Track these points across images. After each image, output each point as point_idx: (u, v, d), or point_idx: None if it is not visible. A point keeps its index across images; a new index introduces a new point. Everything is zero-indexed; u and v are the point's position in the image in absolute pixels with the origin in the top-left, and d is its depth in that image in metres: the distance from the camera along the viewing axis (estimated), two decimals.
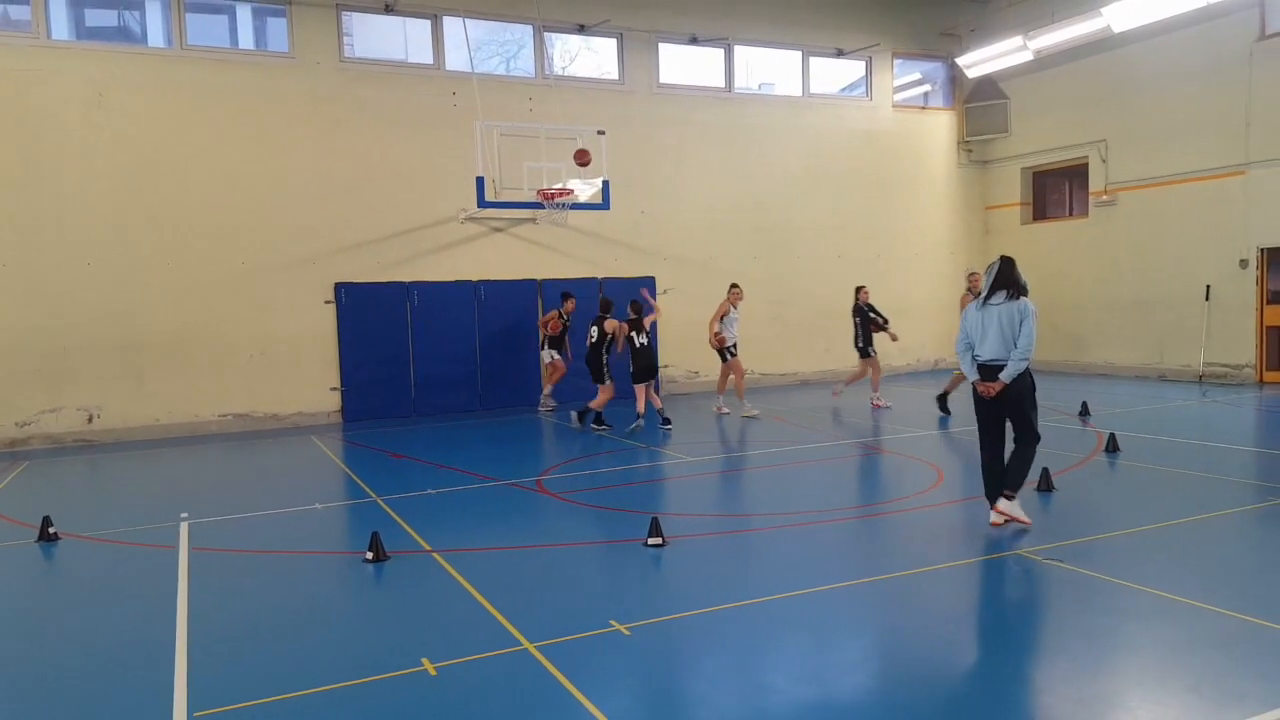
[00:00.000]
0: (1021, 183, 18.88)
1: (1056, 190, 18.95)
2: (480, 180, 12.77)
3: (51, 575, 6.74)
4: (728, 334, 13.04)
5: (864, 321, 13.56)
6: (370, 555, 6.30)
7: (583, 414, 12.37)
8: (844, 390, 14.43)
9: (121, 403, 13.01)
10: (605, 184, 13.43)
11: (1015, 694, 4.10)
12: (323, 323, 14.16)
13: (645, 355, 12.12)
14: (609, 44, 16.27)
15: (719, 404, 13.68)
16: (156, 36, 13.73)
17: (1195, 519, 6.75)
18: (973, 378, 6.65)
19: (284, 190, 13.83)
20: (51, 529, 7.31)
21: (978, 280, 10.76)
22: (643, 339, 12.12)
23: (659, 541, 6.41)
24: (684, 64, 16.83)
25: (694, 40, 16.69)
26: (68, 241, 12.68)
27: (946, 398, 12.62)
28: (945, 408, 12.53)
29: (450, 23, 14.84)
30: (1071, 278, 17.48)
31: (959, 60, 18.38)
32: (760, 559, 6.42)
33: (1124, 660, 4.37)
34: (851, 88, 18.67)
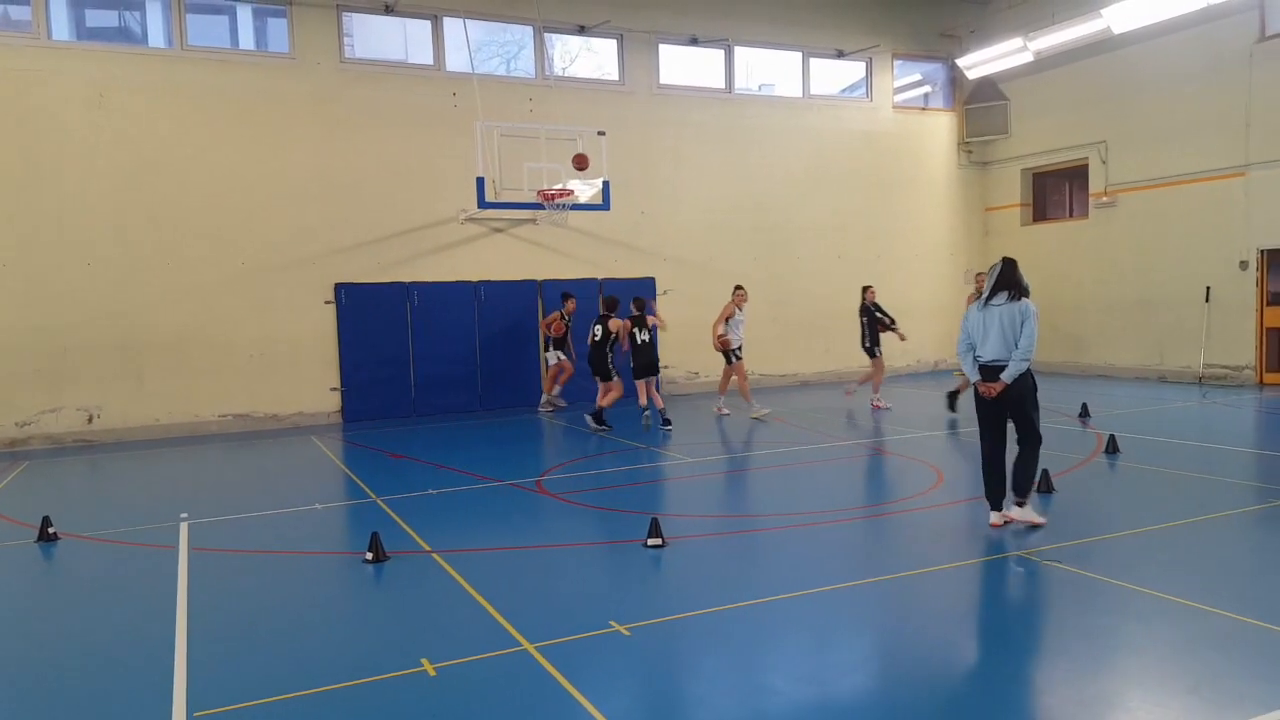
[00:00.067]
0: (1021, 184, 18.88)
1: (1056, 191, 18.95)
2: (480, 181, 12.77)
3: (51, 575, 6.74)
4: (733, 336, 12.99)
5: (871, 321, 13.54)
6: (370, 555, 6.30)
7: (596, 416, 12.27)
8: (856, 390, 14.35)
9: (121, 403, 13.01)
10: (605, 185, 13.43)
11: (1015, 694, 4.10)
12: (323, 323, 14.16)
13: (647, 352, 12.14)
14: (609, 45, 16.27)
15: (719, 404, 13.67)
16: (157, 37, 13.73)
17: (1195, 520, 6.75)
18: (974, 378, 6.67)
19: (284, 190, 13.84)
20: (51, 529, 7.31)
21: (985, 280, 10.75)
22: (644, 335, 12.14)
23: (659, 542, 6.41)
24: (684, 65, 16.83)
25: (694, 41, 16.69)
26: (68, 241, 12.69)
27: (956, 396, 12.58)
28: (954, 406, 12.52)
29: (450, 23, 14.84)
30: (1071, 279, 17.48)
31: (959, 61, 18.40)
32: (760, 560, 6.42)
33: (1124, 661, 4.37)
34: (852, 89, 18.68)
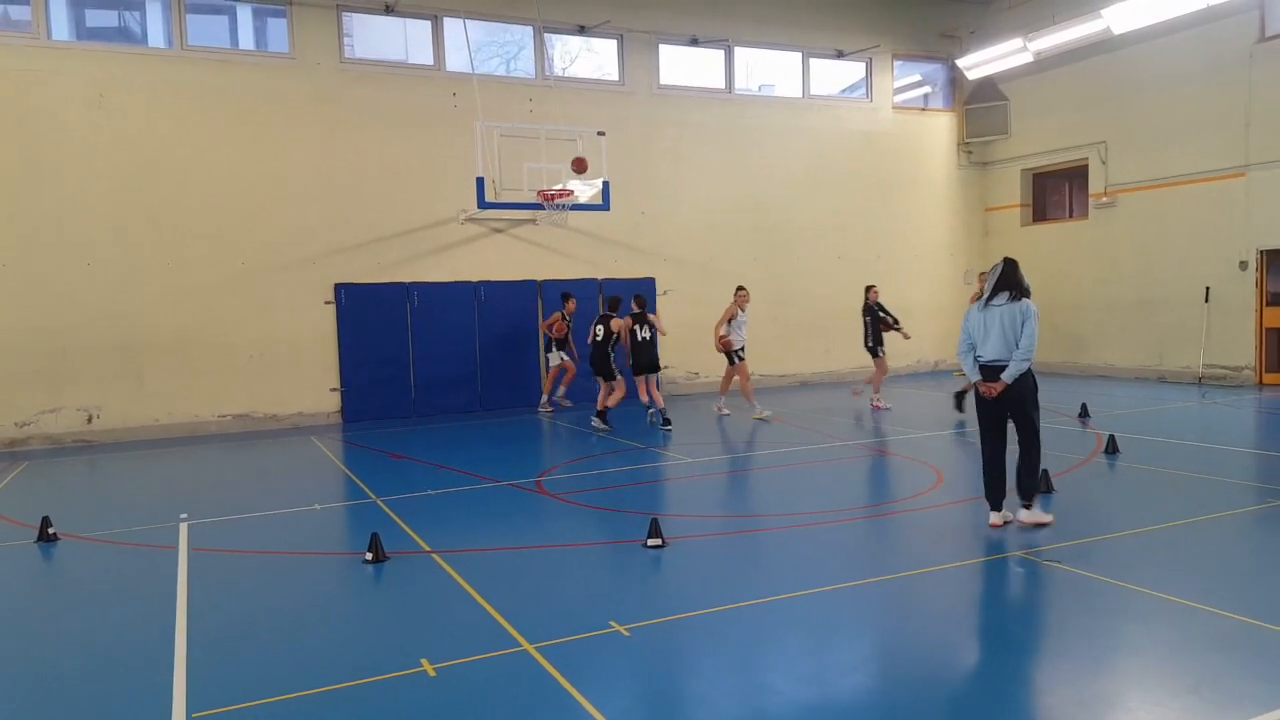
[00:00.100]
0: (1021, 184, 18.88)
1: (1056, 192, 18.96)
2: (480, 181, 12.77)
3: (51, 576, 6.74)
4: (735, 337, 12.95)
5: (874, 321, 13.52)
6: (370, 556, 6.30)
7: (602, 415, 12.19)
8: (864, 390, 14.27)
9: (121, 403, 13.01)
10: (605, 185, 13.42)
11: (1015, 694, 4.10)
12: (322, 323, 14.16)
13: (647, 349, 12.15)
14: (609, 45, 16.27)
15: (719, 404, 13.65)
16: (157, 37, 13.73)
17: (1195, 520, 6.75)
18: (974, 378, 6.68)
19: (284, 191, 13.83)
20: (51, 529, 7.31)
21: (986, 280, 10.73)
22: (645, 332, 12.14)
23: (659, 542, 6.41)
24: (684, 65, 16.83)
25: (694, 41, 16.69)
26: (68, 242, 12.69)
27: (963, 397, 12.49)
28: (960, 407, 12.47)
29: (450, 23, 14.84)
30: (1071, 279, 17.48)
31: (959, 62, 18.40)
32: (760, 560, 6.42)
33: (1124, 661, 4.37)
34: (851, 89, 18.68)
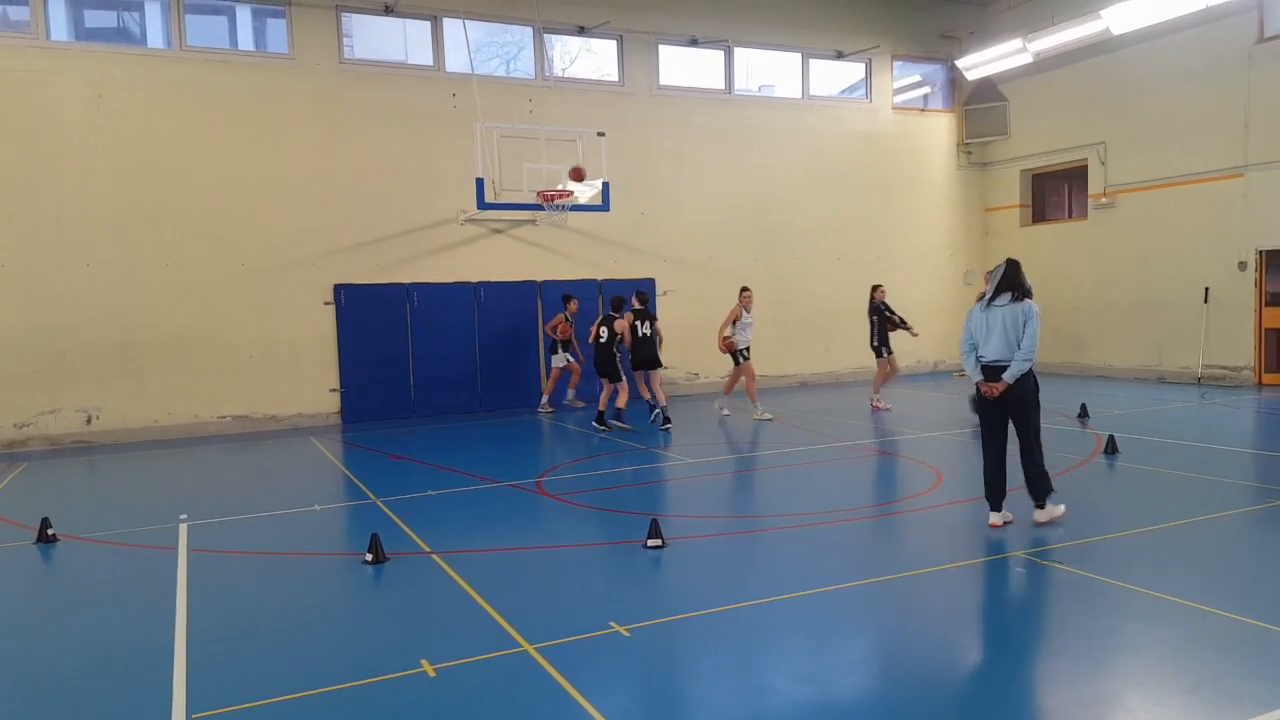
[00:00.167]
0: (1021, 185, 18.89)
1: (1056, 192, 18.96)
2: (480, 181, 12.75)
3: (50, 577, 6.73)
4: (739, 338, 12.90)
5: (881, 321, 13.50)
6: (369, 557, 6.30)
7: (619, 415, 12.14)
8: (880, 392, 14.03)
9: (121, 404, 13.00)
10: (605, 185, 13.41)
11: (1015, 694, 4.10)
12: (322, 324, 14.15)
13: (648, 345, 12.16)
14: (609, 46, 16.27)
15: (721, 404, 13.63)
16: (156, 37, 13.73)
17: (1195, 520, 6.75)
18: (976, 378, 6.69)
19: (283, 191, 13.83)
20: (50, 530, 7.31)
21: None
22: (646, 328, 12.15)
23: (659, 543, 6.41)
24: (684, 66, 16.83)
25: (694, 42, 16.70)
26: (67, 242, 12.68)
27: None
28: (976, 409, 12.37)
29: (450, 24, 14.84)
30: (1070, 280, 17.48)
31: (958, 62, 18.41)
32: (760, 560, 6.42)
33: (1124, 661, 4.37)
34: (851, 90, 18.68)
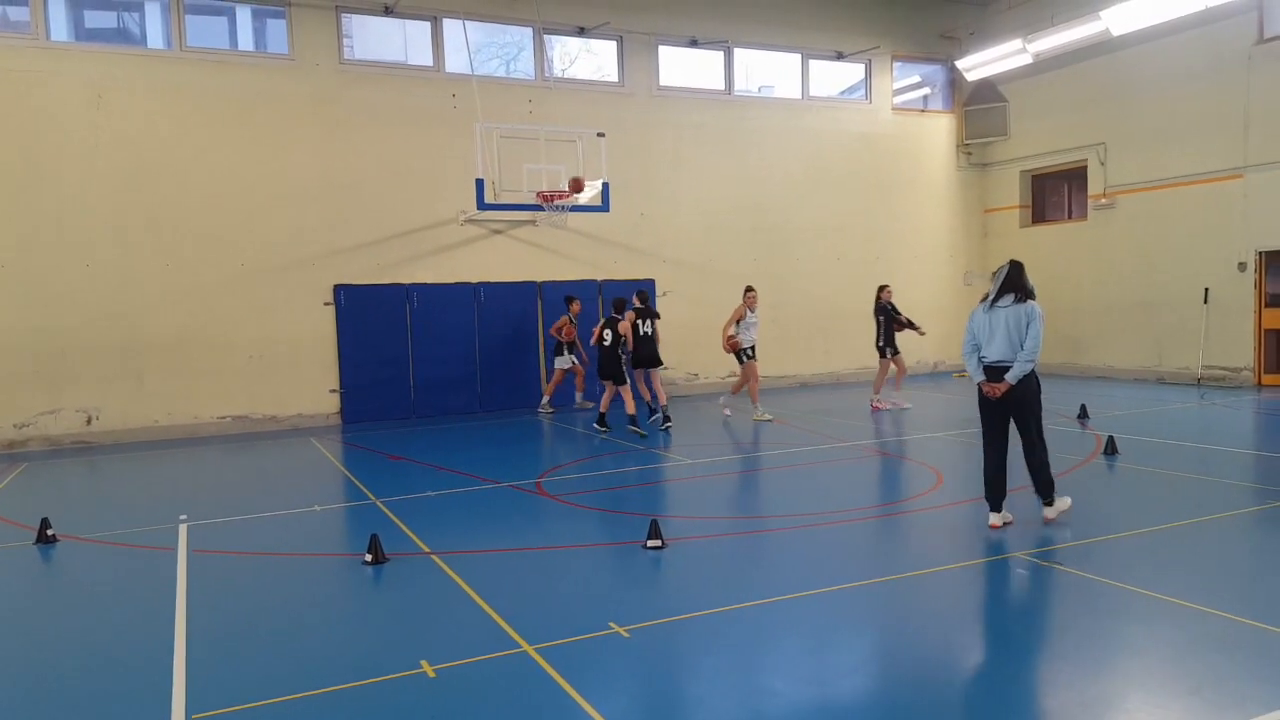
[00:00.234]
0: (1020, 185, 18.89)
1: (1055, 193, 18.96)
2: (480, 182, 12.75)
3: (50, 577, 6.72)
4: (743, 337, 12.88)
5: (887, 321, 13.47)
6: (369, 557, 6.29)
7: (633, 421, 11.98)
8: (898, 393, 14.02)
9: (120, 404, 13.00)
10: (605, 186, 13.42)
11: (1016, 696, 4.10)
12: (322, 324, 14.15)
13: (649, 343, 12.16)
14: (609, 46, 16.27)
15: (725, 402, 13.63)
16: (156, 38, 13.73)
17: (1195, 521, 6.75)
18: (978, 378, 6.69)
19: (283, 192, 13.83)
20: (50, 531, 7.30)
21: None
22: (648, 327, 12.15)
23: (658, 544, 6.40)
24: (684, 66, 16.83)
25: (694, 43, 16.70)
26: (67, 243, 12.68)
27: None
28: None
29: (450, 25, 14.84)
30: (1070, 280, 17.48)
31: (958, 63, 18.41)
32: (760, 561, 6.41)
33: (1125, 663, 4.36)
34: (851, 90, 18.68)
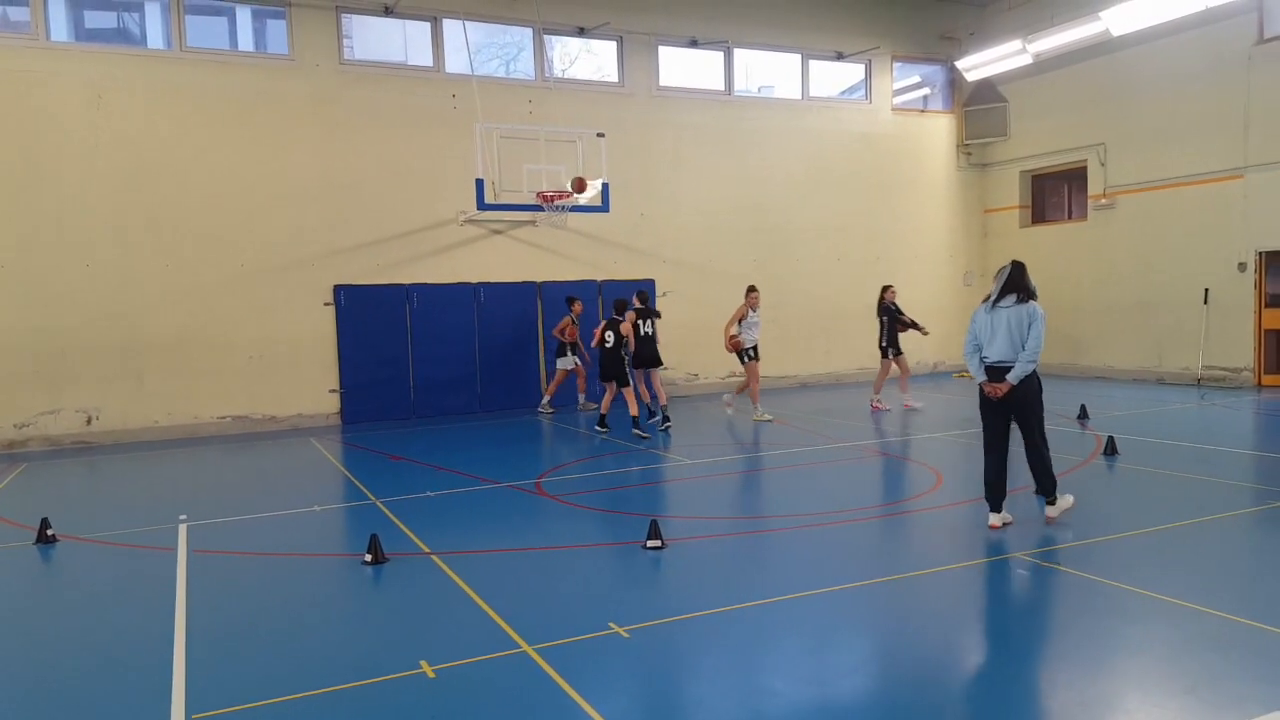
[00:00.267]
0: (1020, 186, 18.89)
1: (1055, 193, 18.96)
2: (480, 182, 12.75)
3: (50, 577, 6.73)
4: (746, 337, 12.87)
5: (891, 321, 13.47)
6: (369, 557, 6.30)
7: (636, 423, 11.89)
8: (909, 393, 13.89)
9: (120, 404, 13.00)
10: (605, 186, 13.42)
11: (1015, 696, 4.10)
12: (322, 325, 14.15)
13: (649, 344, 12.16)
14: (609, 47, 16.27)
15: (729, 399, 13.63)
16: (156, 38, 13.73)
17: (1194, 522, 6.76)
18: (980, 379, 6.70)
19: (283, 192, 13.83)
20: (50, 531, 7.30)
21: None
22: (648, 327, 12.15)
23: (658, 544, 6.41)
24: (684, 67, 16.84)
25: (694, 43, 16.70)
26: (67, 243, 12.68)
27: None
28: None
29: (450, 25, 14.84)
30: (1070, 280, 17.48)
31: (958, 63, 18.41)
32: (760, 562, 6.41)
33: (1123, 663, 4.37)
34: (851, 91, 18.69)
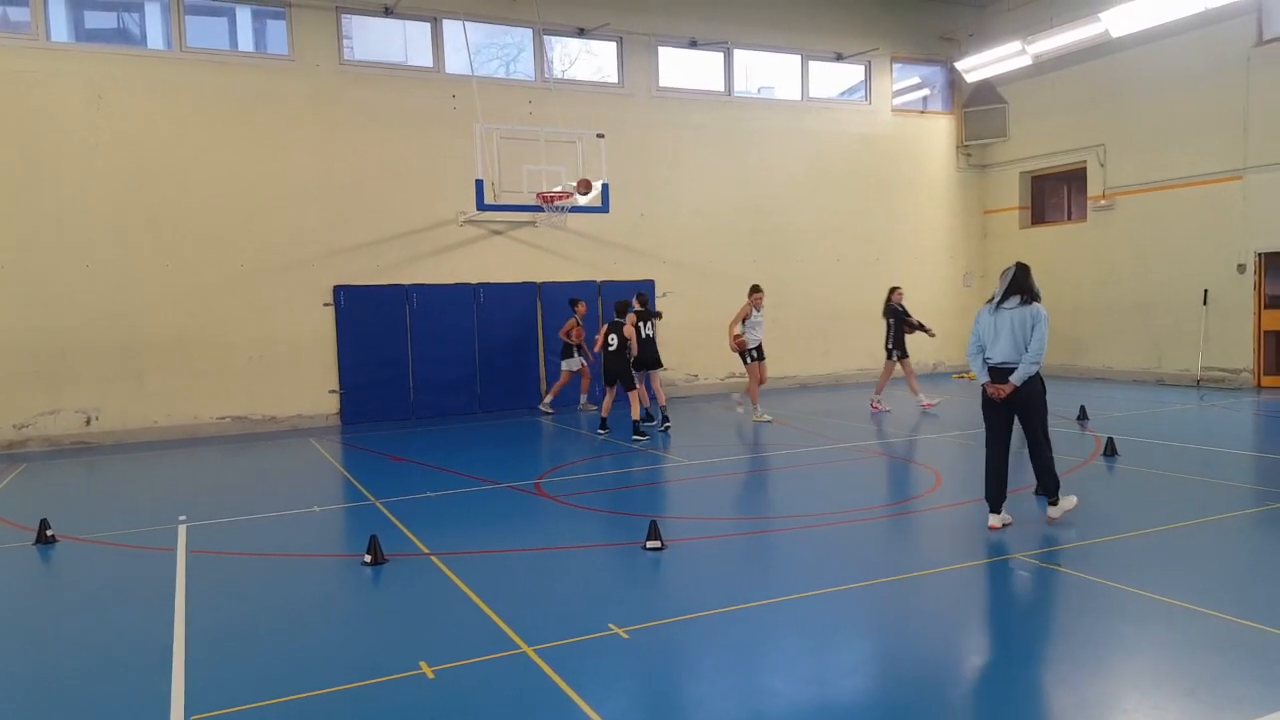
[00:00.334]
0: (1020, 187, 18.90)
1: (1055, 194, 18.97)
2: (479, 183, 12.76)
3: (49, 578, 6.73)
4: (749, 337, 12.83)
5: (897, 323, 13.45)
6: (368, 558, 6.30)
7: (636, 425, 11.84)
8: (921, 393, 13.78)
9: (120, 405, 13.00)
10: (604, 187, 13.42)
11: (1014, 696, 4.10)
12: (321, 325, 14.16)
13: (649, 346, 12.17)
14: (609, 47, 16.28)
15: (739, 398, 13.63)
16: (156, 38, 13.73)
17: (1194, 523, 6.76)
18: (983, 379, 6.70)
19: (283, 192, 13.83)
20: (49, 531, 7.31)
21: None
22: (648, 329, 12.16)
23: (658, 545, 6.41)
24: (683, 67, 16.84)
25: (693, 44, 16.70)
26: (67, 243, 12.68)
27: None
28: None
29: (450, 25, 14.85)
30: (1070, 282, 17.48)
31: (958, 64, 18.42)
32: (759, 562, 6.42)
33: (1122, 663, 4.37)
34: (850, 91, 18.69)
